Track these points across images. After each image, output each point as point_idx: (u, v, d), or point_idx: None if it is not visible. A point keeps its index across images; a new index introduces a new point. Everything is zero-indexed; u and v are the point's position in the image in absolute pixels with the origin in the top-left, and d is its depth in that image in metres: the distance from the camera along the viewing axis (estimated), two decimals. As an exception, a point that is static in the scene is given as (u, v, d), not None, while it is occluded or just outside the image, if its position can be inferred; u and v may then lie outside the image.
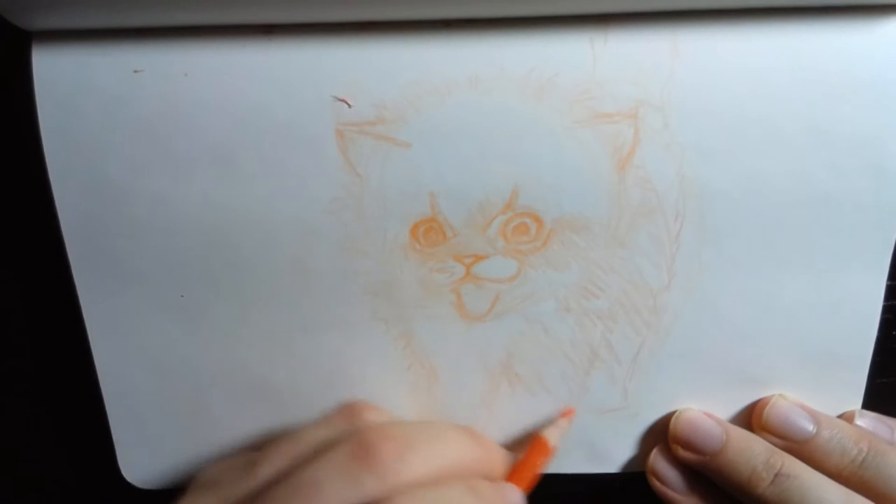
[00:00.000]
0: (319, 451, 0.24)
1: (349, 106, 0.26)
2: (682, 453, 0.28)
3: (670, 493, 0.29)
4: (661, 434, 0.30)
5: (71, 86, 0.26)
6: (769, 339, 0.28)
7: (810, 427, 0.27)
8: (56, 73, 0.26)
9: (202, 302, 0.28)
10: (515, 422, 0.30)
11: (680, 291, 0.28)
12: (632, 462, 0.30)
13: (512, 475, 0.28)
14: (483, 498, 0.24)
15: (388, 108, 0.26)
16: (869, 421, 0.28)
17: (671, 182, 0.27)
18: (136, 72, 0.26)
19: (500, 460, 0.28)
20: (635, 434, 0.30)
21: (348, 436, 0.24)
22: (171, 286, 0.28)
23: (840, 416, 0.29)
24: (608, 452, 0.30)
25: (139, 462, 0.30)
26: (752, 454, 0.27)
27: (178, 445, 0.30)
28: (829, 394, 0.29)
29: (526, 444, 0.29)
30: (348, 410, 0.28)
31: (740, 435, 0.28)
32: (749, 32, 0.25)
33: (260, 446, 0.27)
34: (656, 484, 0.29)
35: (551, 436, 0.29)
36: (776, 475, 0.26)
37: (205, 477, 0.26)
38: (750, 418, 0.29)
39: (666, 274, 0.28)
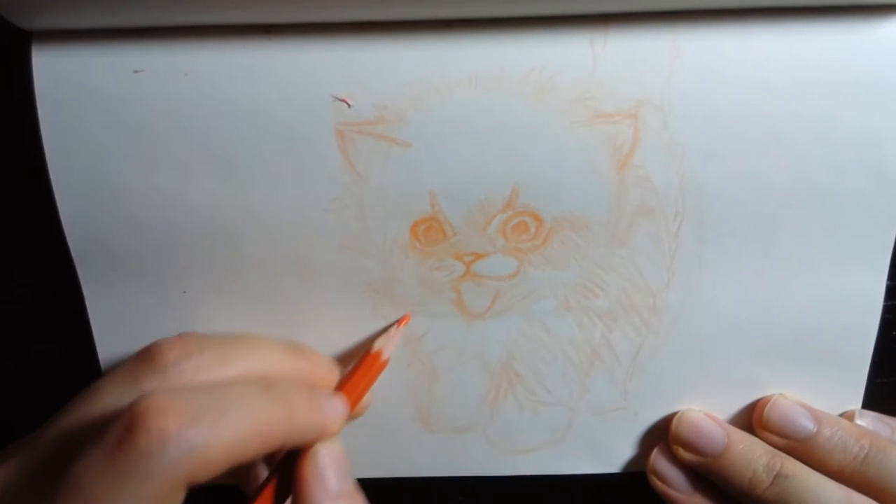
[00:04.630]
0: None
1: (349, 106, 0.26)
2: (684, 454, 0.28)
3: (672, 493, 0.29)
4: (661, 434, 0.30)
5: (71, 86, 0.26)
6: (769, 339, 0.28)
7: (811, 426, 0.27)
8: (56, 73, 0.26)
9: (204, 299, 0.28)
10: (515, 421, 0.30)
11: (679, 291, 0.28)
12: (632, 462, 0.30)
13: (339, 385, 0.26)
14: (281, 396, 0.22)
15: (388, 108, 0.26)
16: (869, 420, 0.28)
17: (671, 181, 0.27)
18: (136, 72, 0.26)
19: (327, 373, 0.26)
20: (635, 434, 0.30)
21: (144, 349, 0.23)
22: (174, 283, 0.28)
23: (840, 416, 0.29)
24: (608, 452, 0.30)
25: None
26: (754, 457, 0.27)
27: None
28: (829, 393, 0.29)
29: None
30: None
31: (742, 438, 0.28)
32: (749, 32, 0.25)
33: None
34: (657, 483, 0.29)
35: (382, 345, 0.27)
36: (775, 476, 0.26)
37: None
38: (750, 418, 0.29)
39: (665, 273, 0.28)
